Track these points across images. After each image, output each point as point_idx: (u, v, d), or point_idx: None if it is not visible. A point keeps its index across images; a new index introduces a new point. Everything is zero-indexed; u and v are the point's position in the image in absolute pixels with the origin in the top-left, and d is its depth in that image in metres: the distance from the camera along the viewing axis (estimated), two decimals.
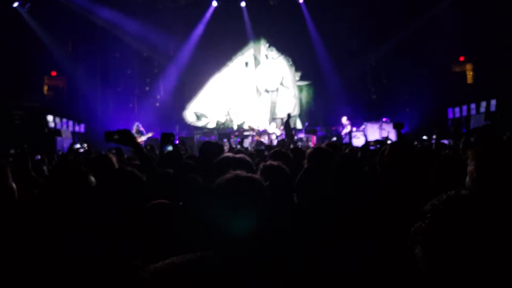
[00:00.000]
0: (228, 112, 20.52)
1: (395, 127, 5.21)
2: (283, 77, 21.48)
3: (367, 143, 6.20)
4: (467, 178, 2.17)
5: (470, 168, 2.14)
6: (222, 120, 20.66)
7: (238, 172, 1.67)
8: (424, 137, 14.66)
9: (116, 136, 3.06)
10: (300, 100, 21.52)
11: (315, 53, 20.12)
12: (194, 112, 21.33)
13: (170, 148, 3.11)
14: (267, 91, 21.50)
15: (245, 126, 19.39)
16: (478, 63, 18.04)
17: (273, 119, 20.87)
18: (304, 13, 19.73)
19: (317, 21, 19.76)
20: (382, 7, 18.56)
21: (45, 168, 6.52)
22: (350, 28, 20.13)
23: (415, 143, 13.98)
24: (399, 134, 5.18)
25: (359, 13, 19.32)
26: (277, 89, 21.46)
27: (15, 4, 15.37)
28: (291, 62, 21.39)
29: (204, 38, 19.86)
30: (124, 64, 19.99)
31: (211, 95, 21.36)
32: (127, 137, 3.09)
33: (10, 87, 16.06)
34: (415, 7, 17.92)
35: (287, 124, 16.75)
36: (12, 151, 8.62)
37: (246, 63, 21.47)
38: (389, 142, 6.05)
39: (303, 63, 21.00)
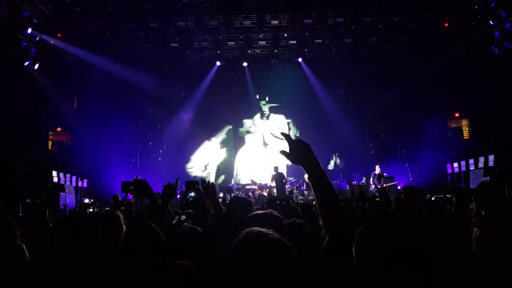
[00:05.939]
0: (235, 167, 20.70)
1: (405, 190, 5.33)
2: (277, 131, 21.77)
3: (374, 196, 6.39)
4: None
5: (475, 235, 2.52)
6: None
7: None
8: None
9: (131, 187, 3.18)
10: None
11: (313, 111, 20.60)
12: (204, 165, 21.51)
13: (193, 194, 3.23)
14: (265, 144, 21.81)
15: (248, 180, 19.36)
16: (473, 118, 18.44)
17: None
18: (306, 71, 20.43)
19: (315, 80, 20.42)
20: (377, 69, 19.25)
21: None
22: (346, 86, 20.79)
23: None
24: (406, 197, 5.27)
25: (355, 72, 20.02)
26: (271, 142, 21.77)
27: (26, 63, 15.86)
28: (286, 119, 21.85)
29: (207, 95, 20.41)
30: (128, 120, 20.28)
31: (214, 151, 21.62)
32: (143, 188, 3.21)
33: (16, 143, 16.31)
34: (408, 67, 18.57)
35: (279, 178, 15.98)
36: (28, 200, 8.66)
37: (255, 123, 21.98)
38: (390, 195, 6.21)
39: (301, 120, 21.45)
